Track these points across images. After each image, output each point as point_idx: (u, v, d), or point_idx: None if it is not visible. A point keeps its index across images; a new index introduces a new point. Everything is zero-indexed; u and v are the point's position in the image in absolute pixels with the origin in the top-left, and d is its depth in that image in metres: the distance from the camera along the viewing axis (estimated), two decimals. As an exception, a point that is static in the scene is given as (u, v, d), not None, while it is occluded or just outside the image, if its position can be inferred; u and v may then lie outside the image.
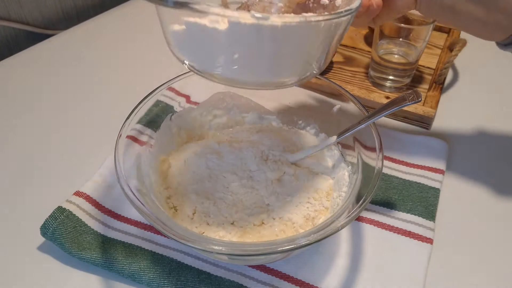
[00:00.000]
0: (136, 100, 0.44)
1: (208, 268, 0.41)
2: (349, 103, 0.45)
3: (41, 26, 0.76)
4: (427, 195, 0.47)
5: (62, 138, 0.55)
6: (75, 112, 0.59)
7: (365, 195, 0.36)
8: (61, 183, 0.49)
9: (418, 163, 0.51)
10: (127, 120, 0.42)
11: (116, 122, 0.44)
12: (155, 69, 0.66)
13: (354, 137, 0.43)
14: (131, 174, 0.39)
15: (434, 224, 0.45)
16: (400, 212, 0.46)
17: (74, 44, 0.71)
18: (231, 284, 0.40)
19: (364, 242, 0.44)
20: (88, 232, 0.43)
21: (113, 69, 0.66)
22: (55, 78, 0.64)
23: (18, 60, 0.68)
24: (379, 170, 0.38)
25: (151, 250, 0.42)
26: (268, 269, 0.41)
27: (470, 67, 0.67)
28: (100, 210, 0.45)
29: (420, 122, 0.57)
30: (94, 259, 0.41)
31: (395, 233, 0.44)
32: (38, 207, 0.46)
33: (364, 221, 0.45)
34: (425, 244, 0.43)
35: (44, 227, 0.42)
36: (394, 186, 0.48)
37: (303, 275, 0.41)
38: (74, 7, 0.79)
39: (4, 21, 0.70)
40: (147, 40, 0.72)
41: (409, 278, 0.41)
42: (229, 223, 0.41)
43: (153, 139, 0.45)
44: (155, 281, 0.40)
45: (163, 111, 0.47)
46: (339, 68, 0.66)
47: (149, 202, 0.38)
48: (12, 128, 0.57)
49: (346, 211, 0.36)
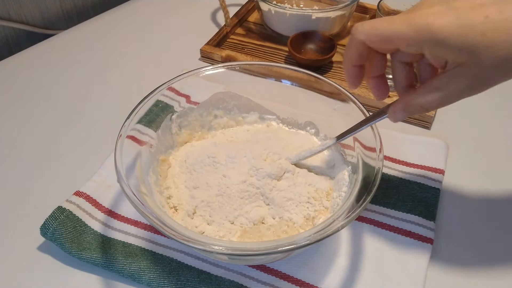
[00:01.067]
0: (136, 100, 0.44)
1: (208, 268, 0.41)
2: (349, 102, 0.45)
3: (41, 26, 0.75)
4: (427, 195, 0.47)
5: (62, 138, 0.55)
6: (75, 112, 0.59)
7: (365, 195, 0.36)
8: (61, 183, 0.49)
9: (418, 163, 0.51)
10: (127, 120, 0.42)
11: (116, 122, 0.44)
12: (155, 69, 0.66)
13: (354, 137, 0.43)
14: (131, 174, 0.39)
15: (434, 224, 0.45)
16: (400, 212, 0.46)
17: (74, 44, 0.71)
18: (231, 284, 0.40)
19: (364, 242, 0.44)
20: (88, 232, 0.43)
21: (113, 69, 0.66)
22: (55, 78, 0.64)
23: (18, 60, 0.68)
24: (379, 170, 0.38)
25: (151, 250, 0.42)
26: (268, 269, 0.41)
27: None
28: (100, 210, 0.45)
29: (420, 121, 0.57)
30: (94, 259, 0.41)
31: (395, 233, 0.44)
32: (38, 207, 0.46)
33: (364, 221, 0.45)
34: (425, 244, 0.43)
35: (44, 227, 0.42)
36: (394, 186, 0.48)
37: (303, 275, 0.41)
38: (74, 7, 0.79)
39: (4, 21, 0.70)
40: (147, 40, 0.72)
41: (409, 278, 0.41)
42: (229, 223, 0.41)
43: (153, 139, 0.45)
44: (155, 281, 0.40)
45: (163, 111, 0.47)
46: (339, 68, 0.66)
47: (149, 202, 0.38)
48: (12, 128, 0.56)
49: (346, 211, 0.36)
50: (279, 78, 0.49)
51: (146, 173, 0.42)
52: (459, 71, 0.33)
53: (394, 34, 0.33)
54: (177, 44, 0.71)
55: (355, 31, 0.36)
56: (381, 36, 0.34)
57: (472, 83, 0.33)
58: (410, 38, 0.33)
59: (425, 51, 0.33)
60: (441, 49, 0.32)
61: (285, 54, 0.68)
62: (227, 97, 0.50)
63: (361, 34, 0.35)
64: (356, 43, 0.36)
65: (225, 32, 0.71)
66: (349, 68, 0.39)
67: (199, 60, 0.68)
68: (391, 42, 0.34)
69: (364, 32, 0.35)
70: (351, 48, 0.37)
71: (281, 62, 0.67)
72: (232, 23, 0.73)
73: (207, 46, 0.67)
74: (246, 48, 0.70)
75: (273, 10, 0.68)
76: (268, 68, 0.49)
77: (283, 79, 0.49)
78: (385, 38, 0.34)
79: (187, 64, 0.63)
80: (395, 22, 0.33)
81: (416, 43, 0.33)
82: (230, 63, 0.49)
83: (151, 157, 0.44)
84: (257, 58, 0.67)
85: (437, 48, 0.32)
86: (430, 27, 0.31)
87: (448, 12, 0.31)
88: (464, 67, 0.32)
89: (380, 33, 0.34)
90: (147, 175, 0.42)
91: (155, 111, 0.46)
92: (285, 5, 0.72)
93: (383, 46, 0.35)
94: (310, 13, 0.66)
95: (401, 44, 0.34)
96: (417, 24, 0.32)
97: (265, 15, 0.71)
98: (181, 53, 0.69)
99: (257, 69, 0.49)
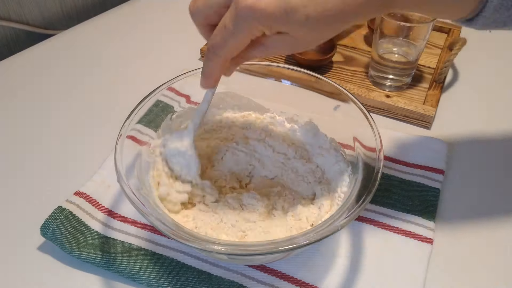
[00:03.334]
0: (136, 100, 0.44)
1: (208, 268, 0.41)
2: (349, 102, 0.45)
3: (41, 26, 0.76)
4: (427, 195, 0.47)
5: (62, 138, 0.55)
6: (75, 112, 0.59)
7: (365, 195, 0.36)
8: (61, 183, 0.49)
9: (418, 163, 0.51)
10: (127, 120, 0.42)
11: (116, 122, 0.44)
12: (155, 69, 0.66)
13: (354, 137, 0.43)
14: (131, 174, 0.39)
15: (434, 224, 0.45)
16: (400, 212, 0.46)
17: (74, 44, 0.71)
18: (231, 284, 0.40)
19: (364, 242, 0.44)
20: (88, 232, 0.43)
21: (113, 69, 0.66)
22: (55, 78, 0.64)
23: (18, 60, 0.68)
24: (379, 170, 0.38)
25: (151, 250, 0.42)
26: (268, 269, 0.41)
27: (470, 67, 0.67)
28: (100, 210, 0.45)
29: (420, 121, 0.57)
30: (94, 259, 0.41)
31: (395, 233, 0.44)
32: (38, 207, 0.46)
33: (364, 221, 0.45)
34: (425, 244, 0.43)
35: (44, 227, 0.42)
36: (394, 186, 0.48)
37: (303, 275, 0.41)
38: (74, 7, 0.79)
39: (4, 21, 0.70)
40: (147, 40, 0.72)
41: (409, 278, 0.41)
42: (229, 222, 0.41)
43: (153, 139, 0.45)
44: (155, 281, 0.40)
45: (163, 111, 0.47)
46: (339, 68, 0.66)
47: (149, 202, 0.38)
48: (12, 128, 0.57)
49: (346, 211, 0.36)
50: (279, 78, 0.49)
51: (146, 173, 0.42)
52: (283, 37, 0.34)
53: (236, 35, 0.33)
54: (177, 44, 0.71)
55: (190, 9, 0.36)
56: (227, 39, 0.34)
57: (289, 46, 0.35)
58: (248, 29, 0.33)
59: (266, 30, 0.33)
60: (273, 26, 0.32)
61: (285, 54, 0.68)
62: (228, 97, 0.50)
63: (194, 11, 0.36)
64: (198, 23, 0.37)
65: (225, 32, 0.71)
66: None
67: (199, 60, 0.68)
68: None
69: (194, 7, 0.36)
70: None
71: (281, 62, 0.67)
72: (232, 23, 0.72)
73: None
74: (246, 48, 0.70)
75: (273, 10, 0.68)
76: (268, 68, 0.49)
77: (283, 79, 0.49)
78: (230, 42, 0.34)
79: (187, 64, 0.62)
80: (227, 25, 0.33)
81: (256, 28, 0.33)
82: (230, 63, 0.49)
83: (151, 157, 0.44)
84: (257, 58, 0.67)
85: (270, 24, 0.32)
86: (258, 7, 0.31)
87: None
88: (286, 35, 0.33)
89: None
90: (147, 175, 0.42)
91: (155, 111, 0.46)
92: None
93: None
94: (310, 13, 0.66)
95: (245, 35, 0.33)
96: (242, 9, 0.32)
97: (265, 15, 0.71)
98: (181, 53, 0.69)
99: (257, 69, 0.49)
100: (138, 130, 0.43)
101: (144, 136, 0.44)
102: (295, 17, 0.31)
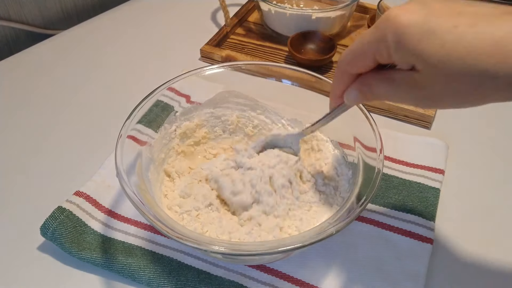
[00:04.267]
0: (136, 100, 0.44)
1: (208, 268, 0.41)
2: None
3: (41, 26, 0.75)
4: (427, 195, 0.47)
5: (62, 138, 0.55)
6: (75, 112, 0.59)
7: (365, 195, 0.36)
8: (61, 183, 0.49)
9: (418, 163, 0.51)
10: (127, 120, 0.42)
11: (116, 122, 0.44)
12: (155, 69, 0.66)
13: (354, 137, 0.43)
14: (131, 173, 0.39)
15: (434, 224, 0.45)
16: (400, 212, 0.46)
17: (74, 44, 0.71)
18: (231, 284, 0.40)
19: (364, 242, 0.44)
20: (88, 232, 0.43)
21: (113, 69, 0.66)
22: (55, 78, 0.64)
23: (18, 60, 0.68)
24: (380, 171, 0.38)
25: (151, 250, 0.42)
26: (268, 269, 0.41)
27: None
28: (100, 210, 0.45)
29: (420, 121, 0.57)
30: (94, 259, 0.41)
31: (395, 233, 0.44)
32: (38, 207, 0.46)
33: (364, 221, 0.45)
34: (425, 244, 0.43)
35: (44, 227, 0.42)
36: (394, 186, 0.48)
37: (303, 275, 0.41)
38: (74, 7, 0.79)
39: (4, 21, 0.70)
40: (147, 40, 0.72)
41: (409, 278, 0.41)
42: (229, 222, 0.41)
43: (153, 139, 0.45)
44: (155, 281, 0.40)
45: (163, 111, 0.47)
46: (339, 68, 0.66)
47: (150, 202, 0.38)
48: (12, 128, 0.56)
49: (347, 211, 0.36)
50: (279, 78, 0.49)
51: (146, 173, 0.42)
52: (411, 74, 0.29)
53: (364, 43, 0.31)
54: (177, 44, 0.71)
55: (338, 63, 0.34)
56: (353, 52, 0.32)
57: (418, 93, 0.30)
58: (376, 39, 0.29)
59: (391, 50, 0.29)
60: (400, 50, 0.28)
61: (285, 54, 0.68)
62: (232, 96, 0.50)
63: (339, 63, 0.34)
64: (339, 74, 0.35)
65: (225, 32, 0.71)
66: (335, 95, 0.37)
67: (199, 60, 0.68)
68: (364, 54, 0.31)
69: (341, 60, 0.34)
70: (337, 79, 0.36)
71: (281, 62, 0.67)
72: (232, 23, 0.73)
73: (207, 46, 0.67)
74: (246, 48, 0.70)
75: (273, 10, 0.68)
76: (268, 68, 0.49)
77: (283, 79, 0.49)
78: (356, 52, 0.32)
79: (187, 64, 0.63)
80: (364, 33, 0.31)
81: (383, 42, 0.29)
82: (230, 63, 0.49)
83: (151, 157, 0.44)
84: (257, 58, 0.67)
85: (398, 46, 0.28)
86: (395, 20, 0.27)
87: (419, 11, 0.27)
88: (416, 73, 0.29)
89: (351, 50, 0.32)
90: (147, 175, 0.42)
91: (155, 111, 0.46)
92: (285, 5, 0.72)
93: (359, 63, 0.33)
94: (310, 13, 0.66)
95: (371, 51, 0.30)
96: (381, 19, 0.28)
97: (265, 15, 0.71)
98: (181, 53, 0.69)
99: (257, 69, 0.49)
100: (138, 130, 0.43)
101: (144, 136, 0.44)
102: (433, 42, 0.26)
